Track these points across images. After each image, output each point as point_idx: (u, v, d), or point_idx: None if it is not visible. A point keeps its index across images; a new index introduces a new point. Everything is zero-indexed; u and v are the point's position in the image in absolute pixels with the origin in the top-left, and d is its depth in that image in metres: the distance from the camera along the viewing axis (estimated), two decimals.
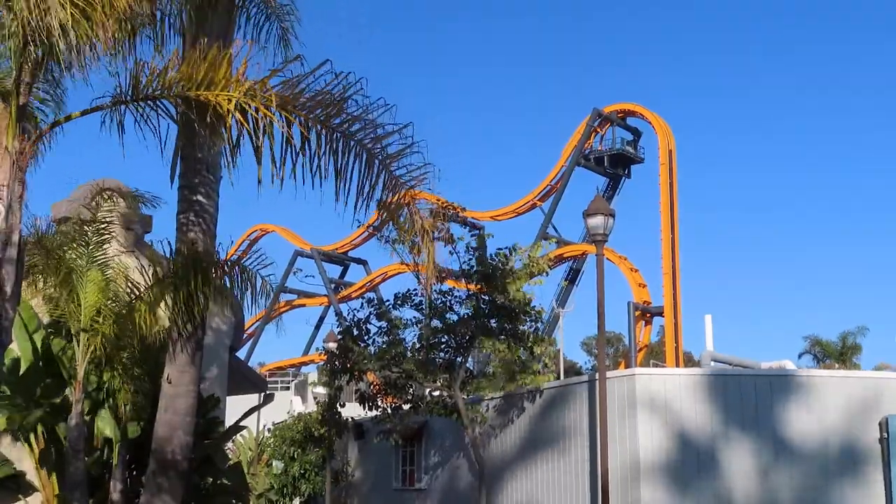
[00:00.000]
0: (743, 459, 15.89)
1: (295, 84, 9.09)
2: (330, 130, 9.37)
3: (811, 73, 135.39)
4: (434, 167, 9.80)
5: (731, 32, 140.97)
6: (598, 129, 68.63)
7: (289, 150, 9.29)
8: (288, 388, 64.06)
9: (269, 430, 31.91)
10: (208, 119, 8.80)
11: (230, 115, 8.80)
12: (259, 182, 9.01)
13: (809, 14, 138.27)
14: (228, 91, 8.81)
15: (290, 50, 12.95)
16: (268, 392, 22.25)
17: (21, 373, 14.06)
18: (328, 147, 9.43)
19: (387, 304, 20.02)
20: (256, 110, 8.90)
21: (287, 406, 46.03)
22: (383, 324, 19.48)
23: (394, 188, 9.80)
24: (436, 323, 18.95)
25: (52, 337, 13.98)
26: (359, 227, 11.45)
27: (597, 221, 16.53)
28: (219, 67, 8.83)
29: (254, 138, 8.95)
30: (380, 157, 9.70)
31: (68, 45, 8.05)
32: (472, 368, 21.00)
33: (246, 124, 8.92)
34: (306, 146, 9.30)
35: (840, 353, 54.49)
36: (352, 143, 9.55)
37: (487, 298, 18.52)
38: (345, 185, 9.65)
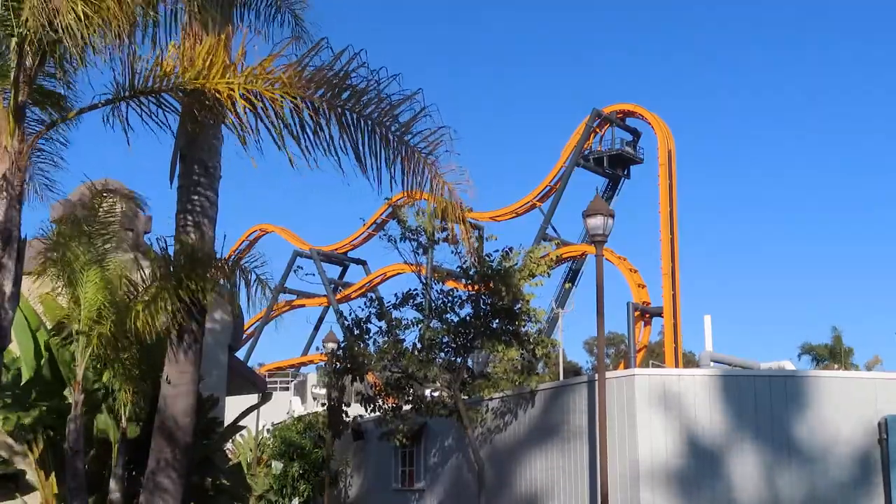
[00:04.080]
0: (743, 460, 15.88)
1: (296, 65, 8.98)
2: (337, 109, 9.19)
3: (811, 73, 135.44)
4: (449, 128, 9.47)
5: (731, 33, 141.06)
6: (598, 130, 68.57)
7: (300, 133, 9.15)
8: (287, 389, 64.13)
9: (268, 430, 31.92)
10: (212, 109, 8.74)
11: (231, 102, 8.70)
12: (292, 166, 8.82)
13: (809, 15, 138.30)
14: (227, 78, 8.73)
15: (301, 42, 12.78)
16: (266, 391, 22.24)
17: (21, 373, 14.05)
18: (339, 126, 9.24)
19: (387, 305, 20.03)
20: (258, 95, 8.82)
21: (286, 406, 46.10)
22: (383, 324, 19.49)
23: (411, 158, 9.53)
24: (436, 324, 18.95)
25: (52, 337, 13.96)
26: (363, 223, 11.32)
27: (596, 222, 16.52)
28: (217, 55, 8.76)
29: (260, 123, 8.86)
30: (392, 128, 9.48)
31: (75, 44, 8.03)
32: (472, 369, 21.00)
33: (252, 109, 8.82)
34: (314, 127, 9.16)
35: (832, 353, 54.63)
36: (361, 119, 9.36)
37: (488, 299, 18.52)
38: (363, 164, 9.40)
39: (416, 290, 19.44)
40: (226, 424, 16.94)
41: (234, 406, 19.14)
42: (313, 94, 9.01)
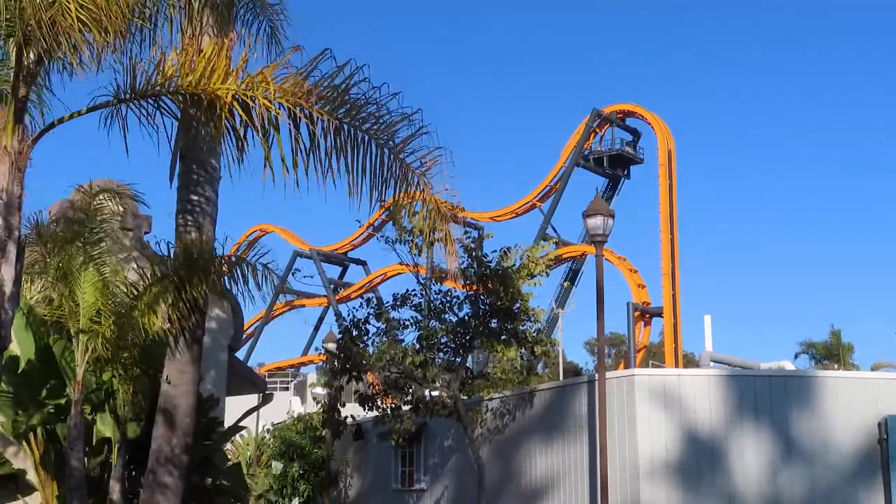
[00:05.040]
0: (743, 460, 15.88)
1: (297, 75, 9.00)
2: (336, 121, 9.23)
3: (811, 73, 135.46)
4: (446, 150, 9.56)
5: (731, 33, 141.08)
6: (598, 130, 68.61)
7: (297, 144, 9.17)
8: (287, 389, 64.11)
9: (268, 430, 31.92)
10: (209, 114, 8.75)
11: (228, 108, 8.71)
12: (272, 178, 8.86)
13: (809, 15, 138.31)
14: (227, 84, 8.75)
15: (280, 48, 12.81)
16: (267, 392, 22.24)
17: (21, 373, 14.05)
18: (335, 138, 9.28)
19: (386, 305, 20.01)
20: (255, 101, 8.81)
21: (286, 406, 46.08)
22: (382, 324, 19.47)
23: (406, 176, 9.60)
24: (435, 324, 18.94)
25: (51, 337, 13.97)
26: (360, 226, 11.29)
27: (596, 222, 16.53)
28: (217, 60, 8.77)
29: (258, 131, 8.88)
30: (389, 145, 9.53)
31: (76, 45, 8.04)
32: (471, 369, 20.99)
33: (246, 117, 8.83)
34: (312, 138, 9.18)
35: (829, 352, 54.55)
36: (359, 133, 9.41)
37: (486, 299, 18.51)
38: (356, 178, 9.46)
39: (414, 290, 19.46)
40: (226, 425, 16.93)
41: (234, 406, 19.14)
42: (313, 105, 9.03)
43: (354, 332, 19.57)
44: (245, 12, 12.83)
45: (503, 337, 18.56)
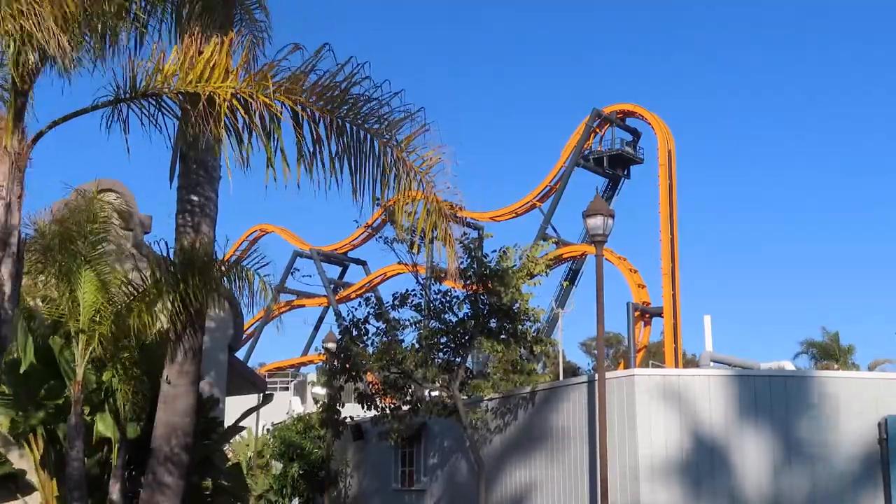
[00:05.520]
0: (743, 460, 15.89)
1: (300, 75, 8.98)
2: (339, 119, 9.22)
3: (811, 73, 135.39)
4: (448, 146, 9.57)
5: (731, 33, 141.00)
6: (598, 130, 68.66)
7: (300, 142, 9.15)
8: (287, 389, 64.12)
9: (268, 430, 31.93)
10: (210, 113, 8.74)
11: (228, 107, 8.69)
12: (275, 178, 8.85)
13: (809, 15, 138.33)
14: (228, 82, 8.74)
15: (255, 64, 12.80)
16: (267, 392, 22.24)
17: (21, 373, 14.04)
18: (338, 137, 9.27)
19: (385, 305, 20.04)
20: (255, 98, 8.80)
21: (286, 406, 46.10)
22: (381, 324, 19.49)
23: (408, 174, 9.60)
24: (434, 324, 18.96)
25: (51, 337, 13.96)
26: (358, 226, 11.27)
27: (596, 222, 16.54)
28: (218, 59, 8.77)
29: (258, 130, 8.87)
30: (392, 143, 9.54)
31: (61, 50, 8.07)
32: (471, 369, 20.99)
33: (246, 116, 8.81)
34: (313, 137, 9.17)
35: (826, 352, 54.40)
36: (361, 132, 9.41)
37: (486, 299, 18.53)
38: (358, 177, 9.46)
39: (413, 290, 19.47)
40: (226, 425, 16.93)
41: (234, 406, 19.13)
42: (314, 103, 9.02)
43: (354, 332, 19.60)
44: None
45: (503, 337, 18.58)
